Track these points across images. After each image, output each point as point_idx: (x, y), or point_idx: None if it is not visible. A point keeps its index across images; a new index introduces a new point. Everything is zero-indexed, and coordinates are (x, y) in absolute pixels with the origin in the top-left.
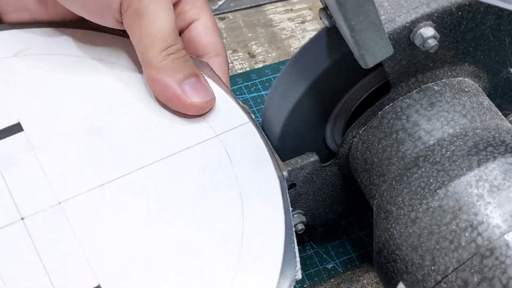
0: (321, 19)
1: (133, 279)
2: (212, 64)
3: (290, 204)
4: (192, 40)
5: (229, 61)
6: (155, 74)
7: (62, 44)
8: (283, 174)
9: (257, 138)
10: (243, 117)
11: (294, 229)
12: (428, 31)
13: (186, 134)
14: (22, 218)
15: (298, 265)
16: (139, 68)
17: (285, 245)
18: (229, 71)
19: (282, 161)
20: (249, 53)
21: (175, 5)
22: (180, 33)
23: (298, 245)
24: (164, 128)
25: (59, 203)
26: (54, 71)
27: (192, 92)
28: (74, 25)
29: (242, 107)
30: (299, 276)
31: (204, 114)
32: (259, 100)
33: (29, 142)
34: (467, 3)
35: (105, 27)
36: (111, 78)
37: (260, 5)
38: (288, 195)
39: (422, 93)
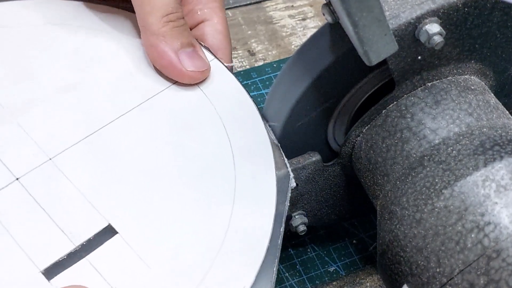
0: (323, 15)
1: (140, 215)
2: None
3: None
4: (197, 38)
5: None
6: (153, 40)
7: (23, 16)
8: (289, 172)
9: (227, 73)
10: (207, 55)
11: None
12: (433, 27)
13: (157, 80)
14: (17, 178)
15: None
16: (105, 28)
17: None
18: None
19: None
20: (249, 51)
21: (186, 3)
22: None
23: (299, 247)
24: (136, 78)
25: (50, 159)
26: (15, 42)
27: (187, 61)
28: None
29: (205, 47)
30: None
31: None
32: (259, 99)
33: (8, 109)
34: None
35: None
36: (76, 39)
37: (260, 1)
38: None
39: (427, 91)
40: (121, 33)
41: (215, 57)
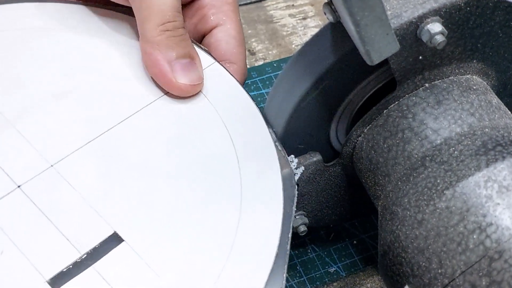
0: (325, 14)
1: (146, 221)
2: None
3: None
4: (211, 45)
5: None
6: (148, 48)
7: (18, 19)
8: (292, 171)
9: (228, 76)
10: (208, 59)
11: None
12: (435, 27)
13: (158, 85)
14: (19, 186)
15: None
16: (100, 31)
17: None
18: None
19: None
20: (249, 50)
21: (199, 8)
22: (202, 37)
23: (299, 247)
24: (136, 82)
25: (52, 165)
26: (10, 46)
27: (181, 72)
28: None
29: (205, 50)
30: None
31: (190, 96)
32: (259, 99)
33: (4, 117)
34: None
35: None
36: (67, 44)
37: (260, 0)
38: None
39: (429, 91)
40: (119, 37)
41: (216, 60)
